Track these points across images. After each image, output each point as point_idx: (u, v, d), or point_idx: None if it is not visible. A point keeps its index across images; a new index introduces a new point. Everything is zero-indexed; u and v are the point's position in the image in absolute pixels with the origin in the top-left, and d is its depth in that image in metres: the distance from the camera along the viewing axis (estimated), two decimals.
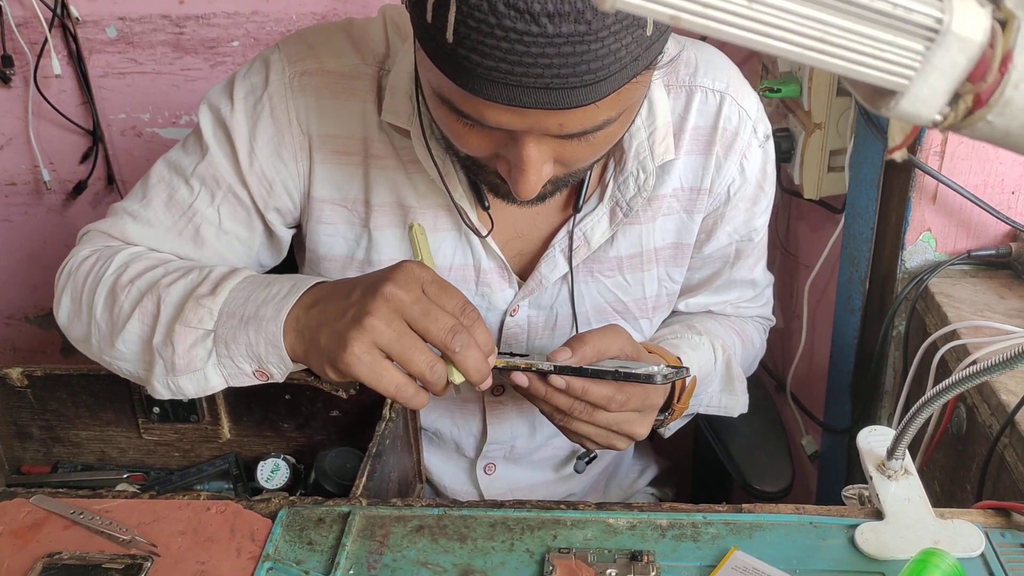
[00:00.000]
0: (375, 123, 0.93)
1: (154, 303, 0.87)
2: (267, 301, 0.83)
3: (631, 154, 0.93)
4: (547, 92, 0.68)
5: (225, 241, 0.98)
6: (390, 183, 0.95)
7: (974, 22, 0.38)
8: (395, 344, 0.76)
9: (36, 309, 2.08)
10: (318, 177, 0.95)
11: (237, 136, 0.94)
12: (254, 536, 0.82)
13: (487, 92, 0.69)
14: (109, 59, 1.76)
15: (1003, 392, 0.98)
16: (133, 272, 0.91)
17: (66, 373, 1.07)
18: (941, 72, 0.38)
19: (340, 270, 1.00)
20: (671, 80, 0.96)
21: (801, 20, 0.36)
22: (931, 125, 0.40)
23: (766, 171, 1.02)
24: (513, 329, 1.03)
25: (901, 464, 0.85)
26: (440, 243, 0.97)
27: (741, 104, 0.98)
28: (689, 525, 0.83)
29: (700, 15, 0.34)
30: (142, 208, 0.97)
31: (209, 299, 0.84)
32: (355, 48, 0.94)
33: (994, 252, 1.20)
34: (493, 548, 0.80)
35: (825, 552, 0.80)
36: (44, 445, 1.13)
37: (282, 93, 0.93)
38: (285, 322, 0.81)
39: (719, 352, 1.05)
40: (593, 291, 1.02)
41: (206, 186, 0.96)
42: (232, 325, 0.83)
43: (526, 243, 1.00)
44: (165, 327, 0.86)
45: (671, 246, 1.02)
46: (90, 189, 1.89)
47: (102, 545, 0.81)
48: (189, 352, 0.85)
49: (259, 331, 0.82)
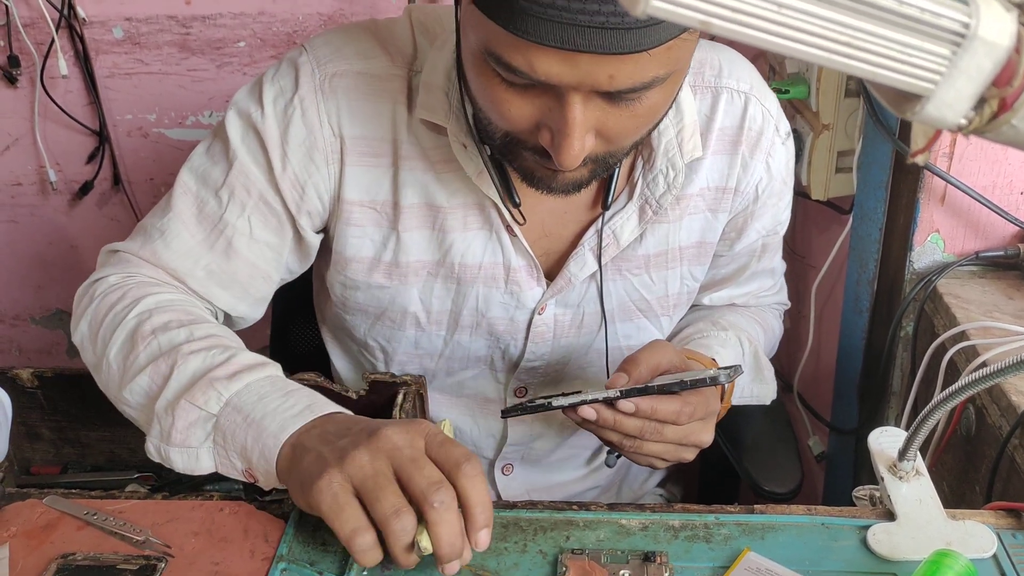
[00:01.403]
0: (405, 125, 0.93)
1: (168, 366, 0.85)
2: (277, 412, 0.79)
3: (660, 151, 0.94)
4: (602, 32, 0.67)
5: (256, 250, 0.97)
6: (419, 185, 0.95)
7: (1001, 27, 0.38)
8: (368, 480, 0.71)
9: (42, 310, 2.08)
10: (348, 180, 0.94)
11: (269, 140, 0.92)
12: (267, 537, 0.82)
13: (540, 33, 0.68)
14: (115, 60, 1.76)
15: (1013, 393, 0.98)
16: (156, 323, 0.89)
17: (76, 374, 1.08)
18: (967, 76, 0.39)
19: (367, 272, 0.99)
20: (697, 81, 0.97)
21: (829, 24, 0.36)
22: (956, 129, 0.40)
23: (789, 168, 1.04)
24: (540, 328, 1.03)
25: (913, 465, 0.85)
26: (470, 242, 0.97)
27: (764, 104, 0.99)
28: (701, 526, 0.83)
29: (730, 20, 0.34)
30: (170, 223, 0.96)
31: (223, 384, 0.82)
32: (384, 49, 0.93)
33: (1003, 253, 1.20)
34: (506, 549, 0.81)
35: (837, 553, 0.80)
36: (54, 446, 1.13)
37: (313, 95, 0.92)
38: (284, 442, 0.77)
39: (746, 344, 1.06)
40: (620, 289, 1.03)
41: (235, 196, 0.94)
42: (235, 420, 0.80)
43: (554, 242, 1.00)
44: (172, 396, 0.83)
45: (695, 245, 1.03)
46: (96, 190, 1.89)
47: (116, 546, 0.81)
48: (187, 429, 0.82)
49: (257, 439, 0.79)
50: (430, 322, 1.02)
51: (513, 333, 1.03)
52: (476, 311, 1.01)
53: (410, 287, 0.99)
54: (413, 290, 1.00)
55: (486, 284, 0.99)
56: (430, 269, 0.99)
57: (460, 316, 1.02)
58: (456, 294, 1.00)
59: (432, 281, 1.00)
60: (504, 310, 1.01)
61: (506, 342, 1.04)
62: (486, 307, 1.01)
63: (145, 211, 1.89)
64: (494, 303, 1.00)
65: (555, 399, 0.87)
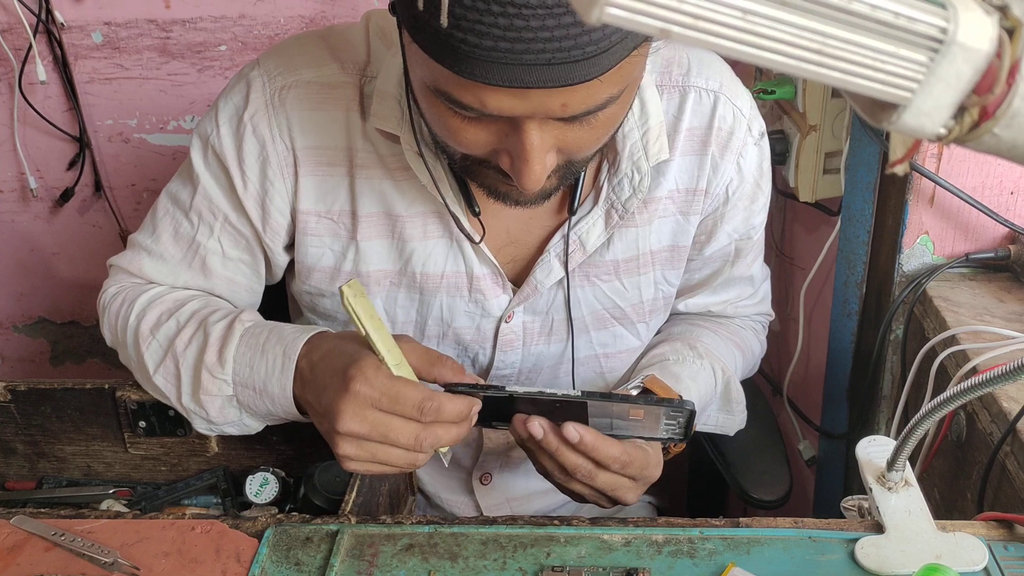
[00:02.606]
0: (359, 132, 0.92)
1: (174, 365, 0.93)
2: (271, 376, 0.87)
3: (625, 155, 0.92)
4: (550, 68, 0.66)
5: (232, 267, 1.00)
6: (376, 193, 0.93)
7: (980, 31, 0.36)
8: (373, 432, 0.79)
9: (24, 318, 2.06)
10: (303, 191, 0.94)
11: (228, 160, 0.93)
12: (240, 557, 0.80)
13: (488, 75, 0.67)
14: (95, 65, 1.73)
15: (1004, 399, 0.96)
16: (151, 321, 0.96)
17: (50, 387, 1.06)
18: (946, 84, 0.37)
19: (329, 281, 0.99)
20: (664, 80, 0.95)
21: (798, 32, 0.34)
22: (935, 139, 0.39)
23: (763, 169, 1.01)
24: (508, 336, 1.01)
25: (901, 476, 0.83)
26: (431, 250, 0.96)
27: (735, 103, 0.97)
28: (685, 541, 0.81)
29: (691, 27, 0.32)
30: (153, 243, 1.00)
31: (219, 370, 0.90)
32: (334, 57, 0.92)
33: (993, 255, 1.18)
34: (485, 567, 0.79)
35: (825, 568, 0.78)
36: (29, 460, 1.11)
37: (264, 110, 0.91)
38: (292, 398, 0.87)
39: (719, 375, 1.04)
40: (590, 296, 1.01)
41: (203, 219, 0.97)
42: (249, 394, 0.90)
43: (520, 249, 0.98)
44: (189, 392, 0.92)
45: (667, 249, 1.01)
46: (77, 196, 1.87)
47: (84, 568, 0.79)
48: (220, 412, 0.92)
49: (275, 404, 0.88)
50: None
51: (481, 342, 1.02)
52: (441, 321, 1.00)
53: (373, 297, 0.98)
54: (377, 300, 0.99)
55: (449, 293, 0.98)
56: (392, 279, 0.98)
57: (426, 326, 1.00)
58: (420, 304, 0.99)
59: (395, 291, 0.98)
60: (469, 319, 1.00)
61: (474, 351, 1.03)
62: (451, 316, 0.99)
63: (127, 217, 1.89)
64: (458, 312, 0.99)
65: (510, 386, 0.84)
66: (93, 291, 1.97)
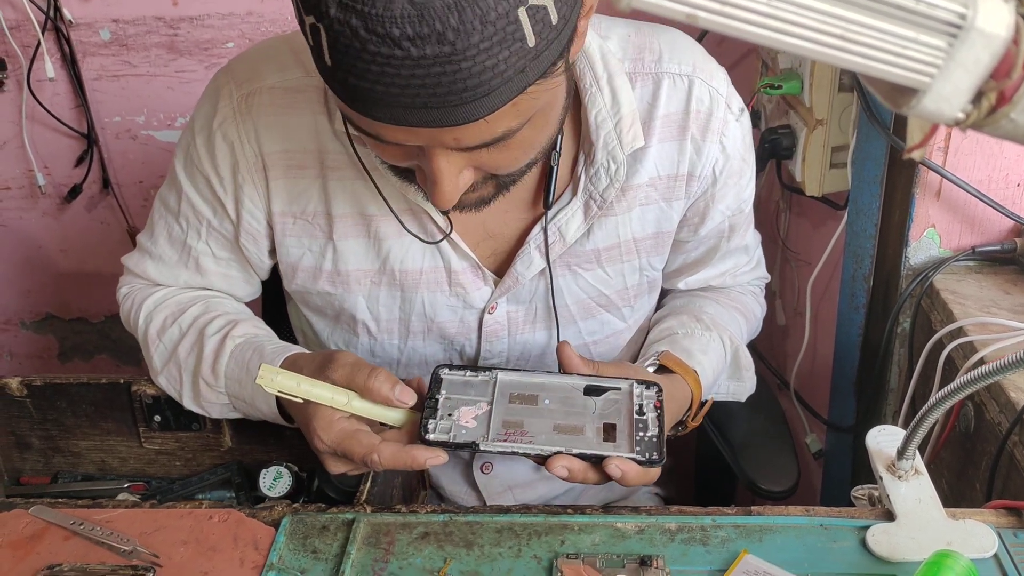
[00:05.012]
0: (328, 134, 0.92)
1: (177, 371, 1.00)
2: (256, 395, 0.94)
3: (600, 145, 0.92)
4: (427, 111, 0.67)
5: (224, 264, 1.03)
6: (349, 193, 0.94)
7: (999, 18, 0.37)
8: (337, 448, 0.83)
9: (32, 314, 2.07)
10: (275, 194, 0.96)
11: (206, 168, 0.96)
12: (257, 545, 0.80)
13: (372, 112, 0.68)
14: (103, 62, 1.74)
15: (1012, 389, 0.97)
16: (157, 325, 1.02)
17: (65, 382, 1.06)
18: (964, 69, 0.37)
19: (312, 280, 1.00)
20: (636, 68, 0.94)
21: (822, 17, 0.35)
22: (953, 124, 0.39)
23: (746, 143, 1.01)
24: (492, 326, 1.02)
25: (911, 464, 0.84)
26: (408, 247, 0.96)
27: (710, 84, 0.96)
28: (698, 528, 0.82)
29: (719, 13, 0.33)
30: (152, 245, 1.04)
31: (213, 382, 0.97)
32: (298, 62, 0.92)
33: (999, 248, 1.19)
34: (500, 554, 0.79)
35: (836, 554, 0.79)
36: (44, 455, 1.11)
37: (233, 117, 0.93)
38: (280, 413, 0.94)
39: (727, 344, 1.05)
40: (573, 285, 1.02)
41: (191, 223, 1.00)
42: (243, 404, 0.97)
43: (499, 242, 0.99)
44: (191, 398, 1.00)
45: (651, 236, 1.01)
46: (85, 193, 1.87)
47: (103, 556, 0.80)
48: (223, 415, 1.00)
49: (267, 415, 0.95)
50: (380, 331, 1.03)
51: (466, 334, 1.03)
52: (424, 316, 1.01)
53: (355, 295, 1.00)
54: (359, 298, 1.00)
55: (430, 289, 0.99)
56: (372, 277, 0.99)
57: (410, 323, 1.02)
58: (402, 301, 1.00)
59: (376, 290, 1.00)
60: (452, 312, 1.01)
61: (460, 343, 1.04)
62: (433, 312, 1.01)
63: (135, 214, 1.90)
64: (441, 306, 1.00)
65: (483, 444, 0.79)
66: (101, 288, 1.99)
